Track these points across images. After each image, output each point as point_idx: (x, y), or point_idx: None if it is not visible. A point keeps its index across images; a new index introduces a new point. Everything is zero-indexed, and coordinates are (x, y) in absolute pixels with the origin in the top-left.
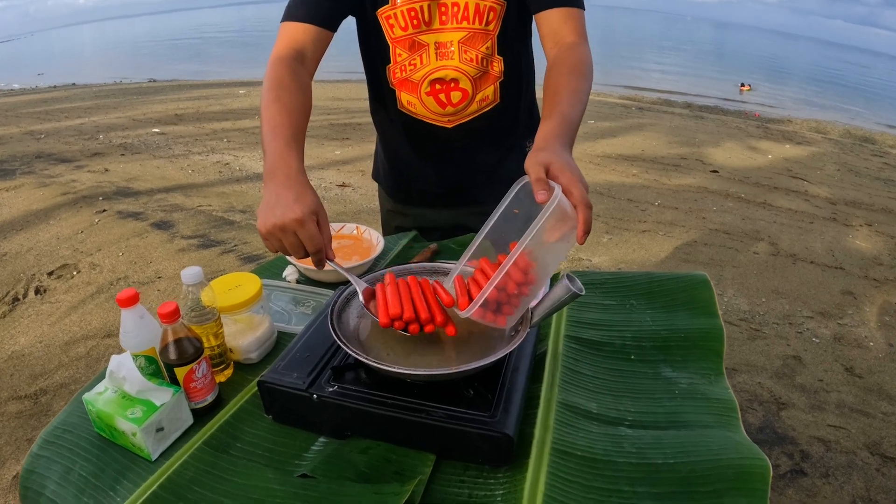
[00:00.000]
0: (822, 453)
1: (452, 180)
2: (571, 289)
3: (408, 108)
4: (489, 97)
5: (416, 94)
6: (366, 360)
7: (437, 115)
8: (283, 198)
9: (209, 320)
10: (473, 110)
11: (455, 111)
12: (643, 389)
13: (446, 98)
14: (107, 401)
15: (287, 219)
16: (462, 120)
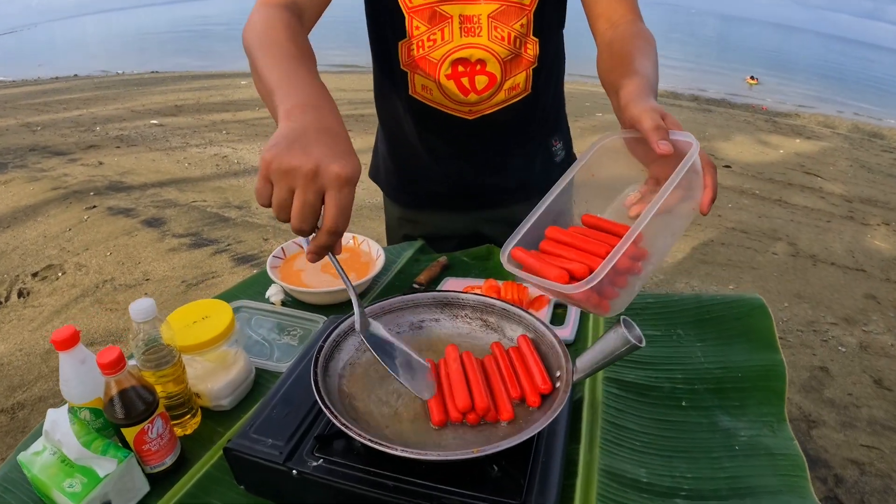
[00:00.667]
0: (857, 477)
1: (469, 182)
2: (630, 340)
3: (422, 95)
4: (520, 85)
5: (433, 76)
6: (365, 441)
7: (458, 103)
8: (325, 142)
9: (167, 364)
10: (500, 100)
11: (479, 100)
12: (699, 446)
13: (470, 83)
14: (44, 465)
15: (327, 167)
16: (486, 111)
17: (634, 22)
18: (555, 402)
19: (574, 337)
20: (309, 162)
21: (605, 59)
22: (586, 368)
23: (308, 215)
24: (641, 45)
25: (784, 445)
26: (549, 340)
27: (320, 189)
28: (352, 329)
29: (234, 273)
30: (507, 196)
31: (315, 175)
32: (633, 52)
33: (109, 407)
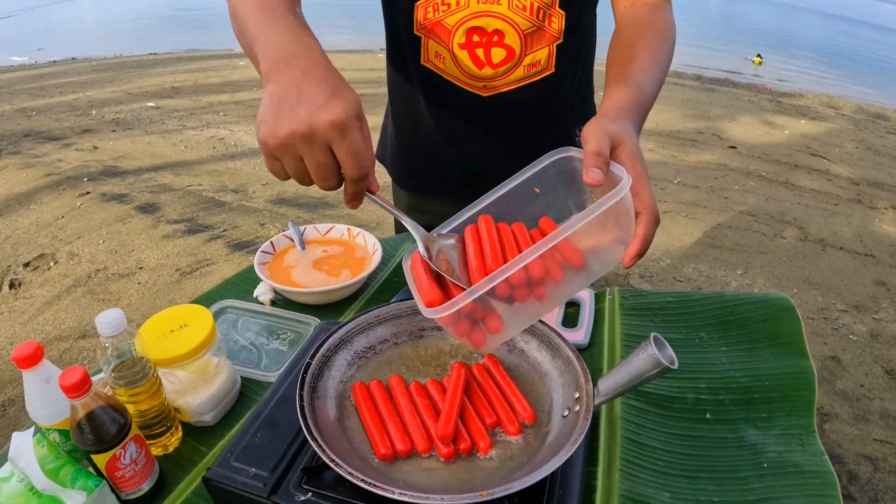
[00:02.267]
0: (871, 474)
1: (481, 167)
2: (662, 362)
3: (434, 64)
4: (541, 62)
5: (447, 43)
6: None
7: (471, 77)
8: (310, 92)
9: (141, 381)
10: (519, 77)
11: (494, 74)
12: (725, 465)
13: (485, 56)
14: (11, 493)
15: (319, 121)
16: (501, 88)
17: (657, 6)
18: (575, 431)
19: (588, 340)
20: (299, 125)
21: (613, 45)
22: (610, 392)
23: (327, 174)
24: (651, 41)
25: (815, 462)
26: (566, 355)
27: (323, 145)
28: (344, 341)
29: (230, 260)
30: None
31: (311, 135)
32: (639, 49)
33: (76, 432)
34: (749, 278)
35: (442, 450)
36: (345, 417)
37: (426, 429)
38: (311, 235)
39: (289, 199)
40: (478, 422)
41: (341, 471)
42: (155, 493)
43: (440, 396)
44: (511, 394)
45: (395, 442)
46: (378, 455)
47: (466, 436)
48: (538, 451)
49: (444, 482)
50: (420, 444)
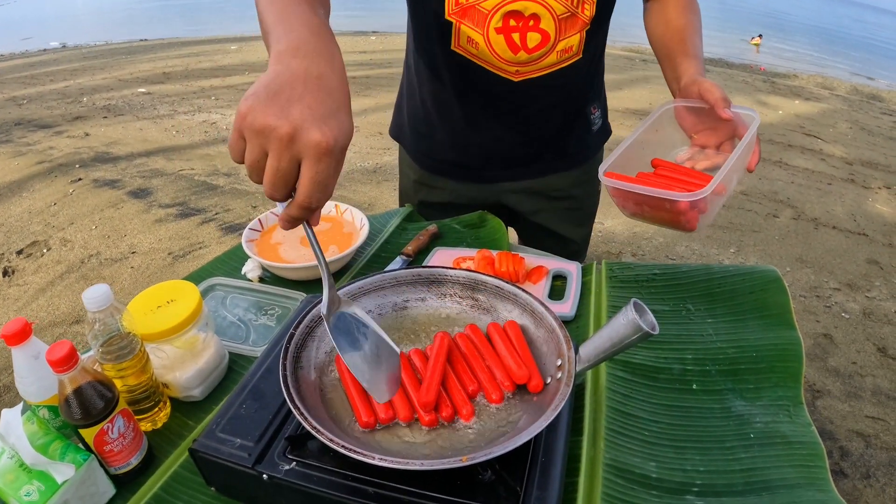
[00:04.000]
0: (862, 450)
1: (503, 149)
2: (642, 327)
3: (466, 49)
4: (572, 48)
5: (483, 28)
6: (338, 448)
7: (505, 62)
8: (314, 98)
9: (129, 356)
10: (551, 62)
11: (528, 59)
12: (712, 435)
13: (521, 40)
14: (2, 470)
15: (306, 134)
16: (534, 73)
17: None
18: (556, 397)
19: (575, 313)
20: (286, 124)
21: (660, 25)
22: (591, 358)
23: (279, 184)
24: (693, 19)
25: (801, 432)
26: (549, 324)
27: (296, 156)
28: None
29: (222, 243)
30: (539, 165)
31: (291, 140)
32: (688, 28)
33: (65, 407)
34: (742, 256)
35: (424, 417)
36: (328, 388)
37: (409, 397)
38: None
39: None
40: (460, 390)
41: (323, 438)
42: (144, 468)
43: (423, 365)
44: (495, 361)
45: (377, 410)
46: (360, 423)
47: (449, 403)
48: (520, 419)
49: (426, 449)
50: (402, 412)
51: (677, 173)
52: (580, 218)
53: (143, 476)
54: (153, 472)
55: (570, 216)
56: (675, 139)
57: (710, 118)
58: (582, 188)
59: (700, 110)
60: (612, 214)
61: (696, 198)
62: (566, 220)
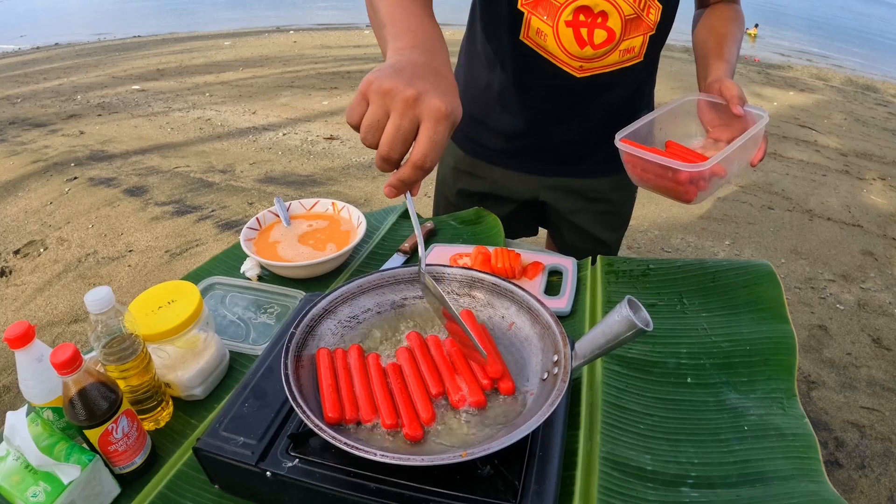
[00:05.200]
0: (857, 441)
1: (555, 143)
2: (636, 324)
3: (534, 40)
4: (634, 49)
5: (553, 20)
6: (340, 445)
7: (571, 56)
8: (436, 79)
9: (131, 357)
10: (613, 61)
11: (593, 55)
12: (706, 428)
13: (588, 35)
14: (7, 472)
15: (428, 98)
16: (596, 70)
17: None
18: (553, 392)
19: (570, 308)
20: (411, 88)
21: (704, 28)
22: (586, 354)
23: (398, 142)
24: (735, 31)
25: (795, 424)
26: (545, 320)
27: (416, 117)
28: (328, 310)
29: (219, 240)
30: (586, 165)
31: (415, 102)
32: (728, 37)
33: (69, 408)
34: (737, 249)
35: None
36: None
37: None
38: (297, 210)
39: (276, 178)
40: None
41: (325, 435)
42: (148, 467)
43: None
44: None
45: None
46: (326, 417)
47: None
48: (518, 414)
49: (425, 445)
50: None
51: (685, 153)
52: (615, 222)
53: (147, 475)
54: (157, 471)
55: (606, 219)
56: (692, 131)
57: (726, 114)
58: (619, 192)
59: (719, 106)
60: None
61: (695, 169)
62: (601, 223)
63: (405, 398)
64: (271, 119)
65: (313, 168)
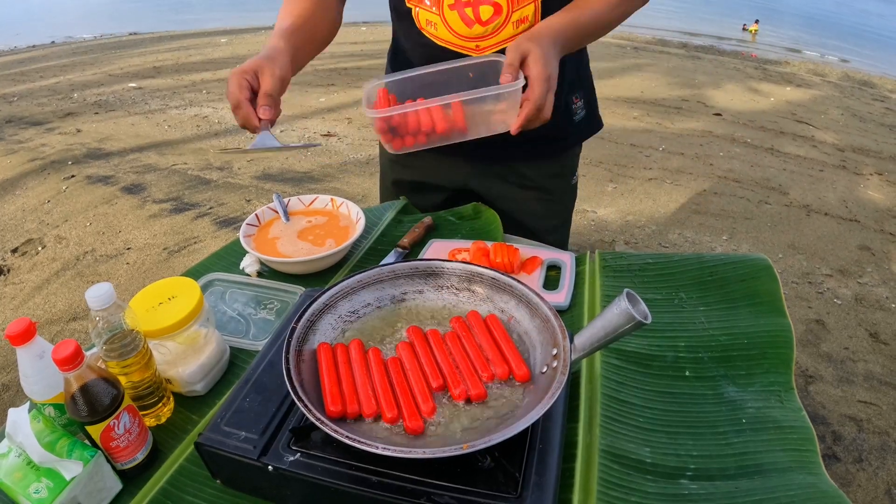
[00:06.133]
0: (855, 434)
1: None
2: (635, 316)
3: (427, 31)
4: (528, 19)
5: (437, 7)
6: (342, 438)
7: (463, 37)
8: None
9: (132, 353)
10: (508, 34)
11: (484, 32)
12: (705, 420)
13: (473, 13)
14: (9, 468)
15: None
16: (493, 46)
17: None
18: (553, 385)
19: (569, 303)
20: None
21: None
22: (585, 347)
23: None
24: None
25: (793, 417)
26: (544, 314)
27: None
28: (328, 306)
29: (217, 237)
30: (509, 152)
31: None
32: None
33: (71, 404)
34: (734, 244)
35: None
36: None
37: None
38: (296, 207)
39: (274, 175)
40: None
41: (327, 429)
42: (149, 462)
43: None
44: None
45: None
46: (328, 411)
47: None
48: (518, 407)
49: (426, 438)
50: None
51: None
52: (550, 210)
53: (149, 471)
54: (159, 467)
55: (540, 208)
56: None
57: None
58: (555, 181)
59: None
60: (605, 203)
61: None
62: (535, 212)
63: (406, 392)
64: None
65: (311, 165)
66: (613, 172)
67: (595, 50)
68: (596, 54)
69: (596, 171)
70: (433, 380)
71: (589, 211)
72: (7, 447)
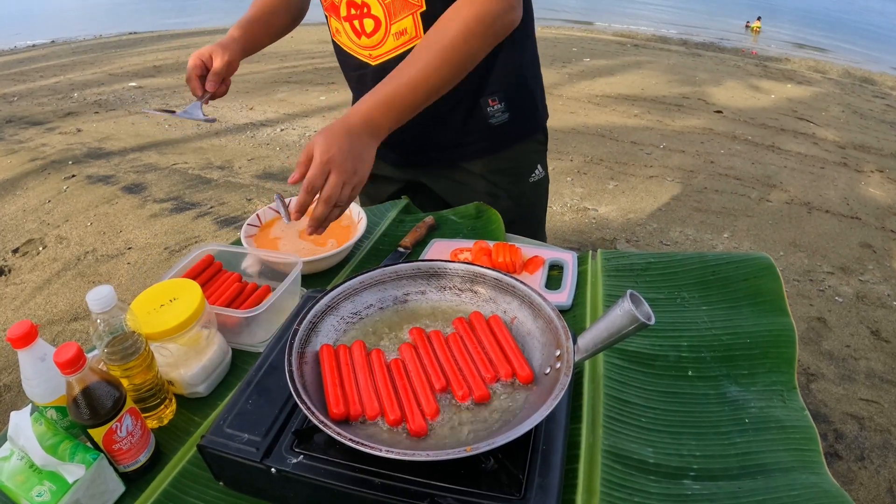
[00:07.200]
0: (857, 433)
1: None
2: (638, 318)
3: (337, 38)
4: (407, 31)
5: (339, 18)
6: (345, 441)
7: (360, 46)
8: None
9: (134, 355)
10: (392, 46)
11: (371, 44)
12: (707, 420)
13: (360, 26)
14: (11, 472)
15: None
16: (384, 57)
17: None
18: (556, 386)
19: (571, 302)
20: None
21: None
22: (589, 348)
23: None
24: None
25: (795, 417)
26: (547, 314)
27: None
28: (331, 307)
29: (218, 237)
30: (439, 153)
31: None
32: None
33: (73, 407)
34: (735, 241)
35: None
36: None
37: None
38: None
39: (275, 174)
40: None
41: (331, 432)
42: (152, 465)
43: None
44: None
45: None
46: (331, 413)
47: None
48: (521, 409)
49: (429, 440)
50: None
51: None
52: (507, 208)
53: (151, 473)
54: (161, 469)
55: (493, 201)
56: None
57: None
58: (503, 176)
59: None
60: (606, 200)
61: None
62: (489, 203)
63: (409, 393)
64: (269, 115)
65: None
66: (614, 170)
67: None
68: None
69: (597, 168)
70: (436, 381)
71: (590, 209)
72: (9, 450)
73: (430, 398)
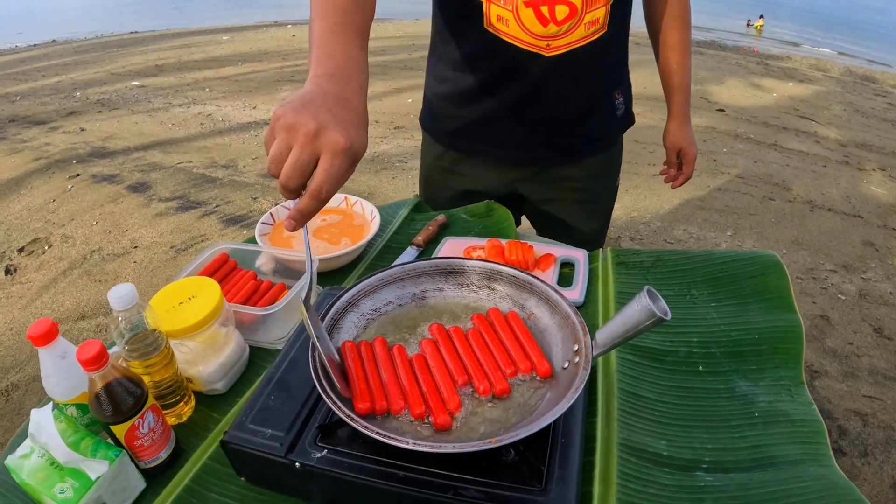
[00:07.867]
0: (860, 429)
1: (527, 133)
2: (655, 313)
3: (497, 27)
4: (598, 21)
5: (512, 4)
6: (372, 435)
7: (536, 36)
8: (341, 111)
9: (154, 352)
10: (580, 36)
11: (557, 31)
12: (718, 414)
13: (549, 13)
14: (32, 469)
15: (329, 133)
16: (564, 47)
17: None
18: (575, 380)
19: (583, 299)
20: (313, 122)
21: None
22: (607, 343)
23: (296, 174)
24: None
25: (803, 411)
26: (564, 311)
27: (315, 151)
28: (351, 304)
29: (224, 235)
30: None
31: (315, 136)
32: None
33: (95, 404)
34: (738, 239)
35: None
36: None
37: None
38: None
39: None
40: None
41: (357, 426)
42: (172, 461)
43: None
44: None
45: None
46: (357, 408)
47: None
48: (540, 402)
49: (454, 433)
50: (416, 408)
51: None
52: (593, 212)
53: (172, 469)
54: (182, 465)
55: (583, 209)
56: None
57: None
58: (598, 182)
59: None
60: None
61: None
62: (577, 213)
63: (432, 388)
64: (272, 113)
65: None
66: None
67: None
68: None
69: None
70: (458, 376)
71: None
72: (29, 448)
73: (453, 392)
